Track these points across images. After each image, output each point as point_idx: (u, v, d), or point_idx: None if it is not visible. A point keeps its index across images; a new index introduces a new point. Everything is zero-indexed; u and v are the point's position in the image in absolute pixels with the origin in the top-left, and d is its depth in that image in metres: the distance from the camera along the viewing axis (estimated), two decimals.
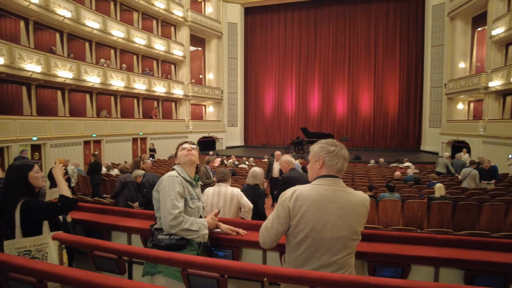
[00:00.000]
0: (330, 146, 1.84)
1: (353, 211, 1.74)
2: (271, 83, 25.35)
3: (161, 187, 2.16)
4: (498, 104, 16.67)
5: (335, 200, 1.73)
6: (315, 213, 1.71)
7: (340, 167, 1.82)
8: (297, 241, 1.76)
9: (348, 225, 1.72)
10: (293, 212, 1.75)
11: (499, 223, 6.83)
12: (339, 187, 1.78)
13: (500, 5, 16.36)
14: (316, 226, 1.71)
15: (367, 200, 1.81)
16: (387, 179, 10.46)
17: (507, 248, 2.21)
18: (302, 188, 1.79)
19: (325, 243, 1.71)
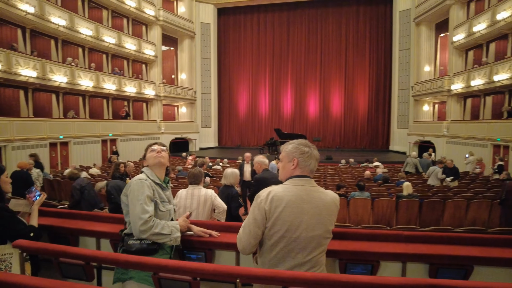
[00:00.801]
0: (304, 147, 1.86)
1: (326, 210, 1.78)
2: (244, 84, 25.39)
3: (130, 191, 2.09)
4: (459, 106, 17.60)
5: (309, 200, 1.76)
6: (291, 213, 1.73)
7: (313, 168, 1.86)
8: (272, 242, 1.76)
9: (322, 224, 1.76)
10: (269, 213, 1.74)
11: (461, 219, 7.20)
12: (312, 187, 1.82)
13: (460, 13, 17.29)
14: (291, 227, 1.73)
15: (337, 199, 1.86)
16: (357, 178, 10.75)
17: (467, 242, 2.34)
18: (277, 189, 1.79)
19: (300, 243, 1.73)
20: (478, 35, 15.34)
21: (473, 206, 7.15)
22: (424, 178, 10.68)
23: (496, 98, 15.11)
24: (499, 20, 13.89)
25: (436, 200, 7.26)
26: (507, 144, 12.26)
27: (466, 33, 16.20)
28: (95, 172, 11.00)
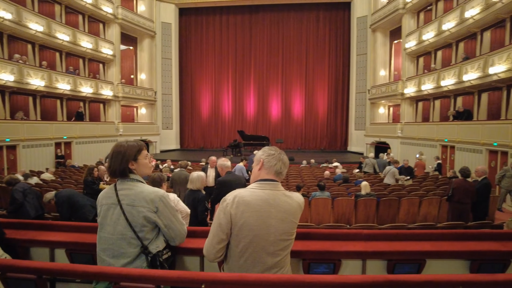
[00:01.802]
0: (271, 150, 1.91)
1: (292, 214, 1.81)
2: (207, 85, 25.15)
3: (166, 205, 1.94)
4: (412, 109, 18.71)
5: (276, 204, 1.77)
6: (258, 218, 1.73)
7: (279, 169, 1.85)
8: (240, 248, 1.75)
9: (288, 227, 1.78)
10: (235, 218, 1.73)
11: (414, 215, 7.66)
12: (279, 191, 1.82)
13: (411, 21, 18.42)
14: (259, 231, 1.72)
15: (302, 201, 1.89)
16: (318, 178, 11.05)
17: (420, 238, 2.49)
18: (243, 192, 1.78)
19: (269, 247, 1.74)
20: (427, 43, 16.42)
21: (425, 203, 7.63)
22: (380, 177, 11.20)
23: (444, 101, 16.25)
24: (444, 30, 14.98)
25: (392, 198, 7.65)
26: (453, 145, 13.21)
27: (416, 41, 17.28)
28: (47, 177, 10.32)
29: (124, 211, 1.85)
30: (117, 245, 1.84)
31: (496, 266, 2.36)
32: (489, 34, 13.50)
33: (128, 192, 1.89)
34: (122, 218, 1.85)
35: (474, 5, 13.03)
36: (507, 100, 11.96)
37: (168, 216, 1.95)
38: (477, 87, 13.14)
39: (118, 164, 1.92)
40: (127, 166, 1.93)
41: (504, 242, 2.54)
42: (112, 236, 1.85)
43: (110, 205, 1.88)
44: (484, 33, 13.62)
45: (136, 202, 1.87)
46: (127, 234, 1.84)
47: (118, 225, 1.85)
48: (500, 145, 10.43)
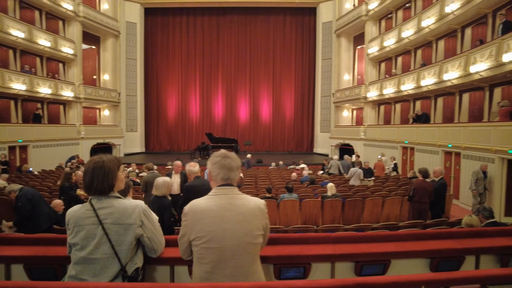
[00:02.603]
0: (216, 157, 1.90)
1: (250, 215, 1.80)
2: (174, 87, 24.71)
3: (149, 217, 1.92)
4: (374, 112, 19.50)
5: (231, 208, 1.78)
6: (213, 223, 1.74)
7: (224, 177, 1.86)
8: (200, 253, 1.76)
9: (247, 229, 1.77)
10: (192, 225, 1.77)
11: (378, 215, 7.97)
12: (234, 194, 1.84)
13: (373, 28, 19.23)
14: (215, 236, 1.73)
15: (262, 203, 1.88)
16: (286, 180, 11.19)
17: (385, 239, 2.60)
18: (199, 201, 1.83)
19: (227, 251, 1.74)
20: (388, 49, 17.22)
21: (388, 203, 7.97)
22: (345, 178, 11.56)
23: (404, 105, 17.09)
24: (404, 38, 15.78)
25: (356, 199, 7.91)
26: (413, 146, 13.92)
27: (378, 47, 18.06)
28: (1, 184, 9.63)
29: (106, 231, 1.78)
30: (99, 264, 1.76)
31: (452, 263, 2.51)
32: (443, 42, 14.39)
33: (111, 210, 1.81)
34: (104, 239, 1.77)
35: (429, 15, 13.85)
36: (459, 104, 12.80)
37: (151, 229, 1.92)
38: (433, 92, 13.96)
39: (101, 182, 1.83)
40: (113, 183, 1.86)
41: (460, 239, 2.71)
42: (93, 257, 1.76)
43: (91, 225, 1.79)
44: (439, 41, 14.52)
45: (122, 220, 1.81)
46: (108, 254, 1.77)
47: (101, 245, 1.77)
48: (454, 147, 11.14)
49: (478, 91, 11.90)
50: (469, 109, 12.58)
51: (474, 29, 12.74)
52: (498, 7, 11.14)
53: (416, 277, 1.82)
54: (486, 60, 10.18)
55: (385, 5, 17.37)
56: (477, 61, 10.60)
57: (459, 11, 12.09)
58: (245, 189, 9.46)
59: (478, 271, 2.32)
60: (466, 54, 11.36)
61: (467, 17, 12.36)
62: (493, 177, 9.15)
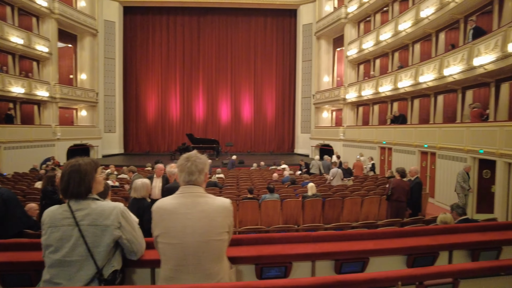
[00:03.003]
0: (181, 160, 1.95)
1: (213, 213, 1.82)
2: (153, 87, 24.34)
3: (128, 218, 1.91)
4: (353, 113, 19.89)
5: (194, 206, 1.81)
6: (175, 219, 1.78)
7: (184, 179, 1.90)
8: (162, 250, 1.80)
9: (209, 226, 1.79)
10: (156, 221, 1.83)
11: (357, 214, 8.14)
12: (198, 193, 1.87)
13: (352, 31, 19.62)
14: (176, 233, 1.76)
15: (227, 202, 1.90)
16: (267, 181, 11.25)
17: (364, 237, 2.67)
18: (165, 199, 1.89)
19: (189, 248, 1.75)
20: (367, 51, 17.61)
21: (366, 202, 8.16)
22: (326, 178, 11.73)
23: (382, 106, 17.51)
24: (381, 41, 16.18)
25: (336, 198, 8.06)
26: (390, 147, 14.28)
27: (357, 49, 18.43)
28: None
29: (82, 233, 1.75)
30: (75, 267, 1.73)
31: (427, 258, 2.61)
32: (419, 46, 14.86)
33: (88, 212, 1.79)
34: (81, 241, 1.74)
35: (406, 19, 14.27)
36: (434, 106, 13.24)
37: (130, 231, 1.91)
38: (410, 94, 14.37)
39: (77, 185, 1.81)
40: (90, 186, 1.85)
41: (435, 236, 2.82)
42: (68, 259, 1.73)
43: (67, 227, 1.76)
44: (415, 45, 14.97)
45: (99, 221, 1.79)
46: (84, 256, 1.74)
47: (77, 247, 1.74)
48: (429, 147, 11.51)
49: (452, 93, 12.35)
50: (444, 111, 13.04)
51: (447, 33, 13.22)
52: (469, 13, 11.61)
53: (393, 274, 1.88)
54: (459, 64, 10.59)
55: (364, 9, 17.75)
56: (450, 64, 11.01)
57: (434, 16, 12.52)
58: (227, 190, 9.44)
59: (451, 266, 2.42)
60: (440, 58, 11.77)
61: (440, 22, 12.81)
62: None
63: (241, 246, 2.38)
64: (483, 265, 2.34)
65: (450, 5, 11.55)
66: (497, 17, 10.43)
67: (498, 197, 8.20)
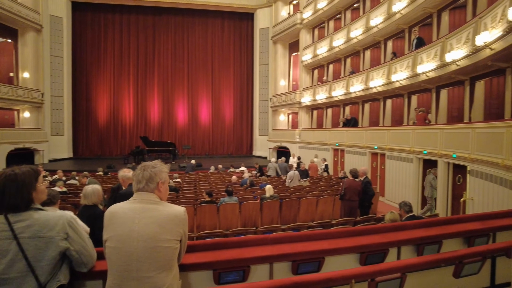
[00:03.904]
0: (139, 168, 1.94)
1: (163, 220, 1.78)
2: (105, 87, 23.20)
3: (77, 228, 1.83)
4: (308, 117, 20.49)
5: (143, 211, 1.79)
6: (122, 223, 1.75)
7: (134, 187, 1.89)
8: (108, 254, 1.76)
9: (156, 232, 1.74)
10: (105, 226, 1.80)
11: (313, 213, 8.38)
12: (151, 200, 1.85)
13: (307, 36, 20.23)
14: (122, 236, 1.73)
15: (181, 210, 1.88)
16: (226, 183, 11.21)
17: (319, 237, 2.75)
18: (117, 204, 1.87)
19: (133, 254, 1.70)
20: (321, 57, 18.24)
21: (321, 202, 8.43)
22: (283, 179, 11.94)
23: (335, 110, 18.22)
24: (335, 47, 16.85)
25: (293, 199, 8.23)
26: (343, 148, 14.90)
27: (312, 54, 19.03)
28: None
29: (22, 247, 1.60)
30: (13, 284, 1.58)
31: (378, 255, 2.75)
32: (369, 52, 15.69)
33: (30, 223, 1.65)
34: (20, 255, 1.59)
35: (357, 27, 15.02)
36: (383, 109, 14.05)
37: (79, 241, 1.81)
38: (361, 98, 15.11)
39: (14, 196, 1.67)
40: (29, 197, 1.72)
41: (384, 234, 2.98)
42: (5, 276, 1.58)
43: (3, 241, 1.60)
44: (366, 51, 15.79)
45: (43, 233, 1.66)
46: (24, 273, 1.59)
47: (16, 262, 1.58)
48: (379, 148, 12.17)
49: (399, 98, 13.18)
50: (392, 114, 13.88)
51: (394, 41, 14.11)
52: (413, 24, 12.50)
53: (346, 272, 1.96)
54: (405, 70, 11.35)
55: (318, 15, 18.38)
56: (398, 70, 11.76)
57: (382, 25, 13.31)
58: (184, 194, 9.26)
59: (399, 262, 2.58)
60: (388, 64, 12.52)
61: (388, 31, 13.65)
62: (412, 175, 10.20)
63: (198, 252, 2.35)
64: (427, 258, 2.52)
65: (396, 15, 12.35)
66: (436, 29, 11.34)
67: (439, 194, 8.87)
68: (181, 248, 1.89)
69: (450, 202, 8.69)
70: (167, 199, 1.99)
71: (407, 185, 10.36)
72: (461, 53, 8.54)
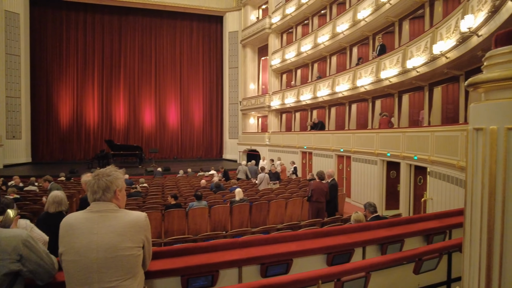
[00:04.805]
0: (93, 177, 1.85)
1: (123, 227, 1.73)
2: (68, 89, 22.15)
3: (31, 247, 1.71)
4: (277, 120, 20.73)
5: (101, 221, 1.72)
6: (80, 234, 1.68)
7: (90, 197, 1.82)
8: (66, 268, 1.68)
9: (117, 241, 1.69)
10: (61, 238, 1.72)
11: (282, 216, 8.47)
12: (109, 209, 1.78)
13: (276, 41, 20.51)
14: (80, 248, 1.66)
15: (141, 216, 1.84)
16: (195, 188, 11.05)
17: (288, 239, 2.79)
18: (72, 214, 1.80)
19: (93, 265, 1.64)
20: (289, 61, 18.55)
21: (290, 204, 8.54)
22: (253, 183, 11.98)
23: (303, 114, 18.58)
24: (302, 52, 17.21)
25: (262, 202, 8.27)
26: (311, 151, 15.20)
27: (280, 59, 19.31)
28: None
29: None
30: None
31: (345, 256, 2.83)
32: (336, 58, 16.17)
33: None
34: None
35: (324, 32, 15.43)
36: (349, 113, 14.51)
37: (36, 260, 1.71)
38: (327, 102, 15.51)
39: None
40: None
41: (350, 234, 3.07)
42: None
43: None
44: (332, 57, 16.25)
45: None
46: None
47: None
48: (345, 151, 12.54)
49: (364, 102, 13.67)
50: (357, 118, 14.36)
51: (359, 48, 14.64)
52: (377, 31, 13.04)
53: (313, 273, 2.00)
54: (369, 76, 11.80)
55: (286, 20, 18.69)
56: (362, 76, 12.20)
57: (348, 32, 13.77)
58: (151, 199, 9.04)
59: (363, 261, 2.66)
60: (353, 70, 12.96)
61: (354, 38, 14.14)
62: (376, 176, 10.59)
63: (165, 259, 2.30)
64: (390, 257, 2.62)
65: (361, 23, 12.83)
66: (398, 37, 11.91)
67: (402, 194, 9.28)
68: (145, 254, 1.84)
69: (412, 202, 9.11)
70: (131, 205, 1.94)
71: (372, 186, 10.74)
72: (421, 61, 9.02)
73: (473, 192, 1.13)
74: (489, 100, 1.13)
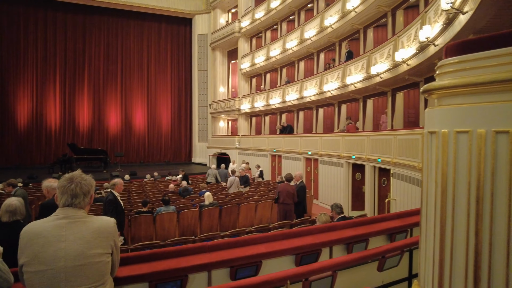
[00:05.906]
0: (64, 181, 1.78)
1: (91, 234, 1.69)
2: (26, 89, 20.92)
3: None
4: (247, 123, 20.81)
5: (69, 227, 1.67)
6: (45, 243, 1.61)
7: (65, 203, 1.74)
8: (29, 281, 1.59)
9: (85, 248, 1.65)
10: (23, 248, 1.62)
11: (252, 218, 8.50)
12: (76, 215, 1.72)
13: (246, 45, 20.64)
14: (46, 257, 1.59)
15: (109, 221, 1.81)
16: (163, 192, 10.83)
17: (257, 241, 2.82)
18: (36, 222, 1.72)
19: (60, 274, 1.59)
20: (259, 66, 18.71)
21: (260, 206, 8.60)
22: (223, 186, 11.92)
23: (272, 117, 18.78)
24: (271, 57, 17.43)
25: (232, 205, 8.26)
26: (280, 154, 15.39)
27: (250, 63, 19.43)
28: None
29: None
30: None
31: (312, 256, 2.90)
32: (304, 63, 16.52)
33: None
34: None
35: (292, 38, 15.73)
36: (316, 117, 14.85)
37: None
38: (296, 106, 15.79)
39: None
40: None
41: (317, 235, 3.15)
42: None
43: None
44: (300, 62, 16.58)
45: None
46: None
47: None
48: (313, 154, 12.81)
49: (330, 107, 14.06)
50: (324, 122, 14.73)
51: (326, 53, 15.06)
52: (343, 38, 13.49)
53: (282, 274, 2.04)
54: (335, 81, 12.17)
55: (256, 25, 18.87)
56: (329, 81, 12.56)
57: (315, 38, 14.12)
58: None
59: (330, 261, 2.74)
60: (320, 75, 13.31)
61: (321, 44, 14.53)
62: (342, 178, 10.90)
63: (132, 265, 2.25)
64: (355, 256, 2.72)
65: (328, 29, 13.21)
66: (363, 44, 12.39)
67: (367, 195, 9.62)
68: (114, 260, 1.80)
69: (376, 202, 9.46)
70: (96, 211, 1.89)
71: (338, 188, 11.05)
72: (384, 67, 9.44)
73: (428, 190, 1.22)
74: (441, 105, 1.22)
